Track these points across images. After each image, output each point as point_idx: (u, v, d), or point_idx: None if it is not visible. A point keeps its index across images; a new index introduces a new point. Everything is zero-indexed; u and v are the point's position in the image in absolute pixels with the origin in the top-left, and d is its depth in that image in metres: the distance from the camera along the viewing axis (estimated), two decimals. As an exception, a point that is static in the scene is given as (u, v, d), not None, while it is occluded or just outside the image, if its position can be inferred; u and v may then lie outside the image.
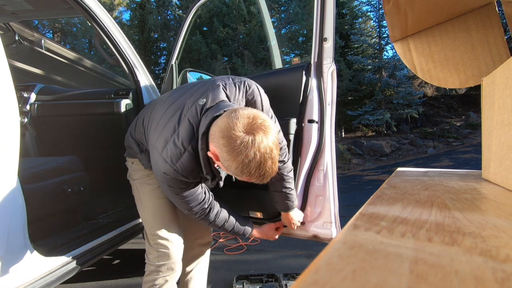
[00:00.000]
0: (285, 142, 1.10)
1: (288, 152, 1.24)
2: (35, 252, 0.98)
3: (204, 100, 0.92)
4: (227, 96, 0.95)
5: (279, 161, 1.01)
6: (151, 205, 1.18)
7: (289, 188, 1.12)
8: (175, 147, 0.89)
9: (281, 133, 1.05)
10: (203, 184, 1.04)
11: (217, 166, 0.90)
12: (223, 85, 0.97)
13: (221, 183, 1.04)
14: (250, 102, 1.00)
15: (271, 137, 0.77)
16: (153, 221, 1.16)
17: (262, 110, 1.02)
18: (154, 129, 0.99)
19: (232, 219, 1.14)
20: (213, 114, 0.85)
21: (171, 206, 1.18)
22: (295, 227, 1.23)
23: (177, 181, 0.92)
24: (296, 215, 1.20)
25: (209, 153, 0.84)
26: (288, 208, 1.16)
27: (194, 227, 1.37)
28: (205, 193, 1.05)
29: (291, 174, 1.13)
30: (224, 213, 1.11)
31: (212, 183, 1.00)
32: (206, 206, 1.05)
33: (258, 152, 0.75)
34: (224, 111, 0.84)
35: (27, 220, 0.95)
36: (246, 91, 0.99)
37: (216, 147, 0.80)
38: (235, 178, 0.89)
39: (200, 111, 0.91)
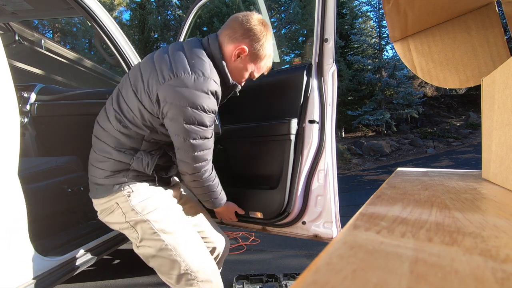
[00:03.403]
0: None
1: (289, 152, 1.24)
2: (35, 252, 0.98)
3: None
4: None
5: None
6: (181, 232, 1.00)
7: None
8: (201, 60, 0.93)
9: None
10: None
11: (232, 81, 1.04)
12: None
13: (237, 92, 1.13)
14: None
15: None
16: (188, 254, 0.98)
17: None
18: (161, 70, 0.91)
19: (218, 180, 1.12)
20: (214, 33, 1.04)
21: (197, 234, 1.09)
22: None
23: (214, 101, 0.94)
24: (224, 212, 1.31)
25: (236, 50, 0.99)
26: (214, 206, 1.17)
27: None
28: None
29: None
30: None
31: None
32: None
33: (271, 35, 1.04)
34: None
35: (27, 220, 0.95)
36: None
37: (241, 42, 0.99)
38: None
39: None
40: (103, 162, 1.01)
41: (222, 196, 1.15)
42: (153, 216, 0.98)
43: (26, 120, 1.74)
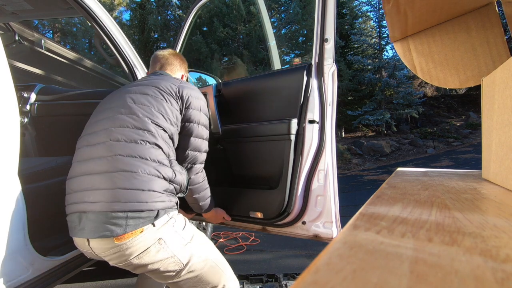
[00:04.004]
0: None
1: (289, 152, 1.24)
2: (35, 252, 0.98)
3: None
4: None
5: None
6: (214, 255, 1.05)
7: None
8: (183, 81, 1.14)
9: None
10: None
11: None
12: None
13: None
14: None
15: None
16: (226, 268, 1.06)
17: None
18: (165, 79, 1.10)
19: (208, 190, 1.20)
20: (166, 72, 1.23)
21: None
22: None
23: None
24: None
25: (184, 77, 1.31)
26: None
27: None
28: None
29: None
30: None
31: None
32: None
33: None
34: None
35: (27, 220, 0.95)
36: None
37: (184, 72, 1.31)
38: None
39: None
40: (146, 182, 0.88)
41: (212, 202, 1.23)
42: (195, 243, 0.98)
43: (26, 120, 1.74)
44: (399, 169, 1.05)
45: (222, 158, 1.52)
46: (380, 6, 11.08)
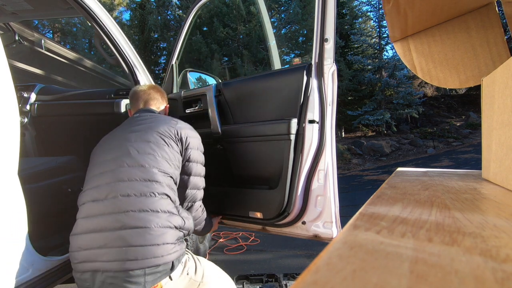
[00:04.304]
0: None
1: (289, 152, 1.25)
2: (35, 252, 0.98)
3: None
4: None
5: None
6: (223, 283, 1.14)
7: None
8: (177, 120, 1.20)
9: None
10: None
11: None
12: None
13: None
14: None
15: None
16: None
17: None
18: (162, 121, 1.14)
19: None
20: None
21: None
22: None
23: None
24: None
25: (167, 108, 1.39)
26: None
27: None
28: None
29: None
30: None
31: None
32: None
33: None
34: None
35: (27, 220, 0.95)
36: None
37: (166, 102, 1.38)
38: None
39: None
40: (159, 236, 0.89)
41: (209, 224, 1.32)
42: (206, 279, 1.04)
43: (26, 120, 1.74)
44: (399, 169, 1.05)
45: (222, 158, 1.52)
46: (380, 6, 11.08)
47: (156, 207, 0.91)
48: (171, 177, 1.01)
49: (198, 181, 1.15)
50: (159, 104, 1.33)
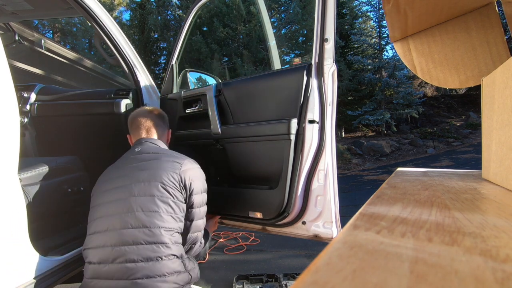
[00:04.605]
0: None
1: (289, 152, 1.25)
2: (35, 252, 0.98)
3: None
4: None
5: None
6: None
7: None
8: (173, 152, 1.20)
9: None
10: None
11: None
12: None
13: None
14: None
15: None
16: None
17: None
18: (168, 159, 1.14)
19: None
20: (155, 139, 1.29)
21: None
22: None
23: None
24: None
25: (169, 134, 1.40)
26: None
27: None
28: None
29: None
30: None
31: None
32: None
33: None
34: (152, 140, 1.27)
35: (27, 220, 0.95)
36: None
37: (167, 126, 1.38)
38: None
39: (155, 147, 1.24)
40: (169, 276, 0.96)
41: (206, 245, 1.29)
42: None
43: (26, 120, 1.74)
44: (399, 169, 1.04)
45: (222, 158, 1.52)
46: (380, 6, 11.08)
47: (163, 272, 0.94)
48: (176, 231, 1.04)
49: (200, 224, 1.16)
50: (161, 131, 1.31)
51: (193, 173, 1.13)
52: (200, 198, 1.15)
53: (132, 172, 1.08)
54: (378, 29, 11.82)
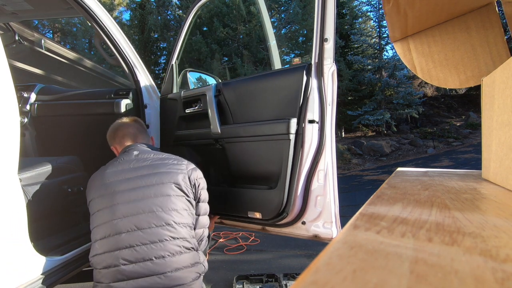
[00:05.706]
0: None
1: (288, 152, 1.25)
2: (35, 252, 0.98)
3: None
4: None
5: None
6: None
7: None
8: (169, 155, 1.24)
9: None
10: None
11: None
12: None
13: None
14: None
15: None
16: None
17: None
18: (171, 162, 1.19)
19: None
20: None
21: None
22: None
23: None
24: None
25: (153, 140, 1.46)
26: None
27: None
28: None
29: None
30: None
31: None
32: None
33: None
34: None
35: (27, 220, 0.95)
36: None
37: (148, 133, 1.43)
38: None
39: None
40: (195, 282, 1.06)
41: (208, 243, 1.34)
42: None
43: (26, 120, 1.74)
44: (399, 169, 1.04)
45: (221, 158, 1.52)
46: (380, 6, 11.07)
47: (188, 263, 1.05)
48: (190, 226, 1.11)
49: (205, 220, 1.22)
50: (146, 137, 1.37)
51: (197, 172, 1.21)
52: (205, 193, 1.23)
53: (140, 174, 1.13)
54: (378, 29, 11.81)
